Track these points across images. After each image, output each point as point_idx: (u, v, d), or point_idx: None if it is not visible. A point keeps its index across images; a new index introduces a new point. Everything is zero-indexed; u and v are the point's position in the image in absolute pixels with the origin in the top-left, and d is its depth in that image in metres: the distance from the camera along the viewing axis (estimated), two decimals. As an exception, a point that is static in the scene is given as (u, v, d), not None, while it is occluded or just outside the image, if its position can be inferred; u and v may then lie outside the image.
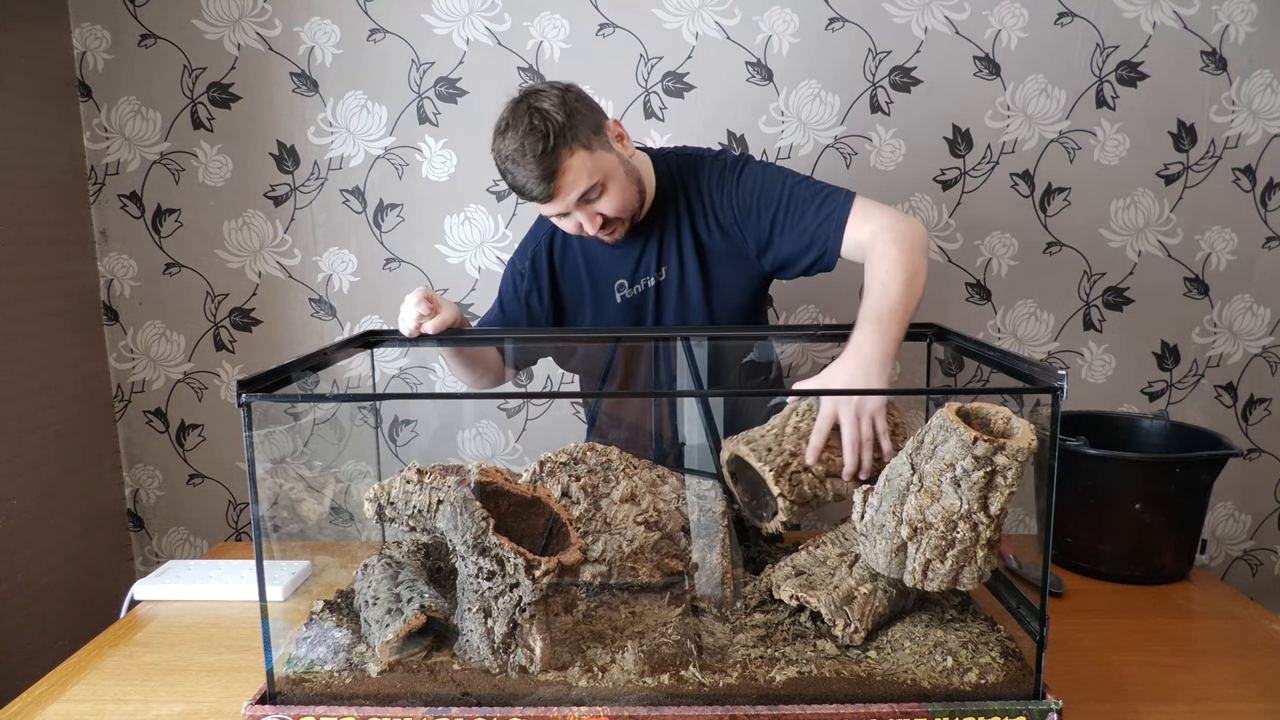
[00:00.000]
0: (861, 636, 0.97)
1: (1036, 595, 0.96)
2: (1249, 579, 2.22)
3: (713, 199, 1.42)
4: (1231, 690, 1.06)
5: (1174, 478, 1.34)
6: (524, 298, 1.53)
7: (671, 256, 1.45)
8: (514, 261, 1.56)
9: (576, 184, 1.29)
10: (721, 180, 1.41)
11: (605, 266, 1.49)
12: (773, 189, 1.37)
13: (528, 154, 1.26)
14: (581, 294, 1.52)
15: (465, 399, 2.06)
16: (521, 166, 1.27)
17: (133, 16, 1.99)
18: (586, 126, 1.30)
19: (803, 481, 1.13)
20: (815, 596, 1.00)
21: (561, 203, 1.30)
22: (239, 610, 1.29)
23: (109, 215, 2.08)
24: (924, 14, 1.97)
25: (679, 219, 1.44)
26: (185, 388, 2.15)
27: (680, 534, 1.14)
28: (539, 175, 1.26)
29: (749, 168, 1.41)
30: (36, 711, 1.03)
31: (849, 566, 1.04)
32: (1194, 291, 2.09)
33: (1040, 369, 0.94)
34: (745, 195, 1.39)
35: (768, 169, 1.40)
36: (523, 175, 1.27)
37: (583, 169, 1.28)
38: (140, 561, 2.23)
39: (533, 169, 1.26)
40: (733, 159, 1.44)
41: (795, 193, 1.35)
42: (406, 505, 1.09)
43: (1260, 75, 1.99)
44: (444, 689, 0.92)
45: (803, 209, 1.33)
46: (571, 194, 1.29)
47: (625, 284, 1.48)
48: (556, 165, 1.26)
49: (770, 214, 1.36)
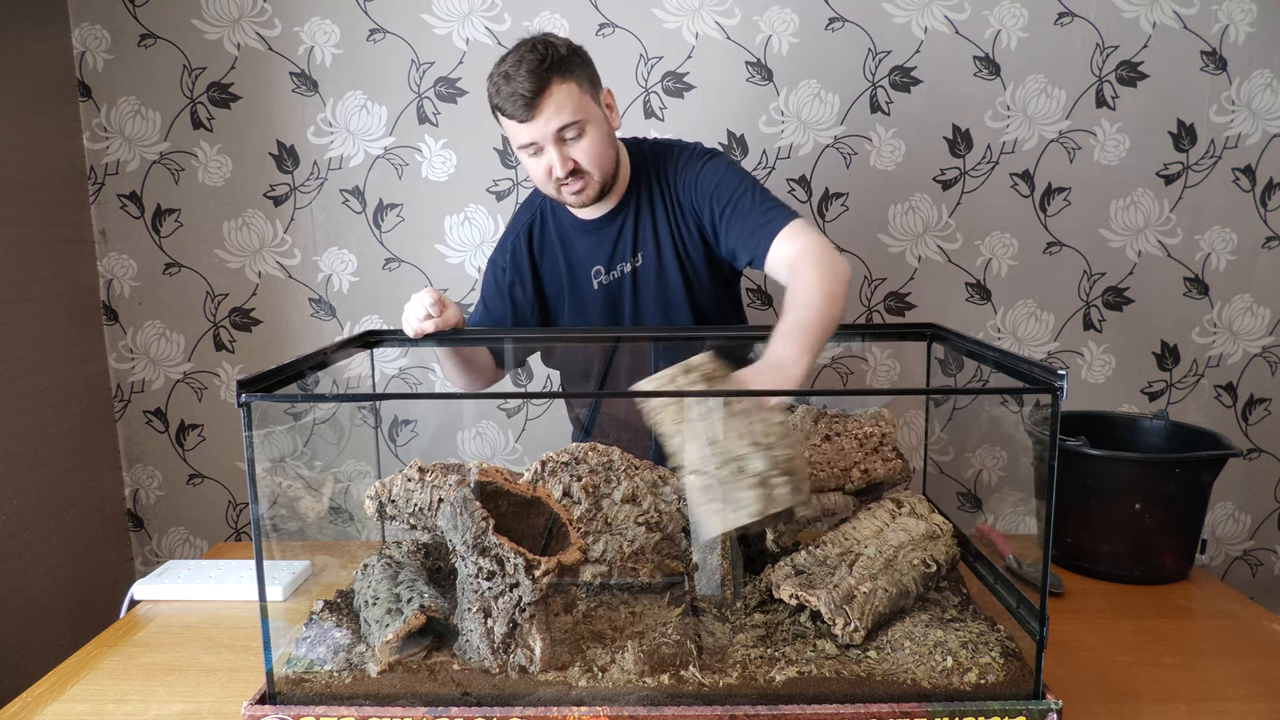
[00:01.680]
0: (861, 636, 0.97)
1: (1036, 595, 0.95)
2: (1249, 579, 2.22)
3: (678, 182, 1.45)
4: (1231, 690, 1.06)
5: (1174, 478, 1.34)
6: (507, 290, 1.54)
7: (648, 241, 1.47)
8: (494, 259, 1.58)
9: (560, 112, 1.29)
10: (687, 165, 1.45)
11: (582, 253, 1.50)
12: (727, 186, 1.40)
13: (521, 67, 1.27)
14: (560, 282, 1.53)
15: (465, 399, 2.06)
16: (511, 81, 1.28)
17: (133, 16, 1.99)
18: (584, 72, 1.34)
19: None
20: (815, 595, 1.00)
21: (540, 126, 1.30)
22: (239, 610, 1.29)
23: (109, 215, 2.08)
24: (924, 14, 1.97)
25: (652, 204, 1.46)
26: (185, 388, 2.15)
27: (681, 535, 1.14)
28: (527, 89, 1.27)
29: (714, 160, 1.44)
30: (36, 711, 1.03)
31: (849, 566, 1.04)
32: (1194, 291, 2.09)
33: (1040, 369, 0.94)
34: (704, 183, 1.42)
35: (731, 168, 1.43)
36: (509, 89, 1.28)
37: (568, 100, 1.30)
38: (140, 561, 2.23)
39: (522, 81, 1.27)
40: (702, 149, 1.47)
41: (745, 196, 1.38)
42: (408, 503, 1.09)
43: (1260, 75, 1.99)
44: (444, 689, 0.92)
45: (748, 211, 1.37)
46: (553, 120, 1.30)
47: (602, 270, 1.49)
48: (546, 85, 1.28)
49: (720, 207, 1.39)
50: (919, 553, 1.09)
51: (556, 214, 1.52)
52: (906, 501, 1.18)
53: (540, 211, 1.54)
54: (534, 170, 1.38)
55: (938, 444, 2.15)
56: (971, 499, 2.17)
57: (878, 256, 2.08)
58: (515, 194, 2.06)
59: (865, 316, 2.11)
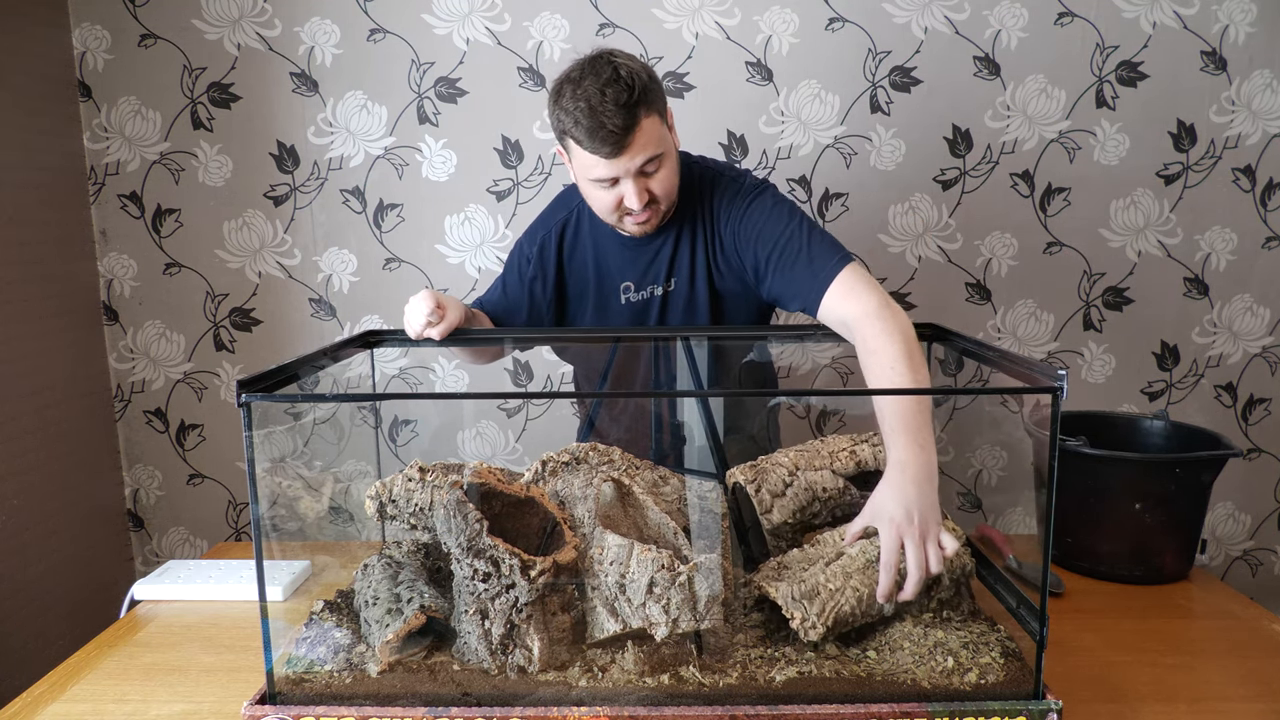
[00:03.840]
0: (820, 633, 0.95)
1: (1036, 595, 0.95)
2: (1249, 579, 2.22)
3: (722, 217, 1.38)
4: (1231, 690, 1.06)
5: (1174, 478, 1.34)
6: (528, 283, 1.49)
7: (683, 268, 1.42)
8: (522, 244, 1.53)
9: (646, 148, 1.24)
10: (732, 203, 1.38)
11: (613, 266, 1.46)
12: (775, 229, 1.33)
13: (608, 101, 1.19)
14: (585, 290, 1.49)
15: (465, 399, 2.06)
16: (600, 114, 1.20)
17: (133, 16, 2.00)
18: (660, 98, 1.27)
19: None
20: (775, 587, 0.98)
21: (626, 163, 1.24)
22: (239, 610, 1.28)
23: (109, 215, 2.08)
24: (924, 14, 1.97)
25: (694, 232, 1.41)
26: (185, 388, 2.16)
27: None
28: (618, 126, 1.20)
29: (761, 198, 1.37)
30: (36, 711, 1.03)
31: (825, 563, 1.02)
32: (1194, 291, 2.09)
33: (1040, 369, 0.94)
34: (749, 225, 1.36)
35: (779, 206, 1.36)
36: (593, 123, 1.20)
37: (653, 134, 1.24)
38: (140, 561, 2.23)
39: (613, 117, 1.19)
40: (751, 183, 1.40)
41: (793, 240, 1.31)
42: (408, 503, 1.09)
43: (1260, 75, 1.99)
44: (444, 689, 0.92)
45: (795, 259, 1.30)
46: (639, 156, 1.24)
47: (631, 287, 1.45)
48: (636, 121, 1.21)
49: (766, 253, 1.33)
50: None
51: (594, 219, 1.45)
52: None
53: (578, 211, 1.48)
54: (601, 200, 1.31)
55: (938, 444, 2.14)
56: (971, 499, 2.17)
57: (878, 256, 2.08)
58: (515, 194, 2.06)
59: (865, 316, 2.11)
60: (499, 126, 2.03)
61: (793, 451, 1.21)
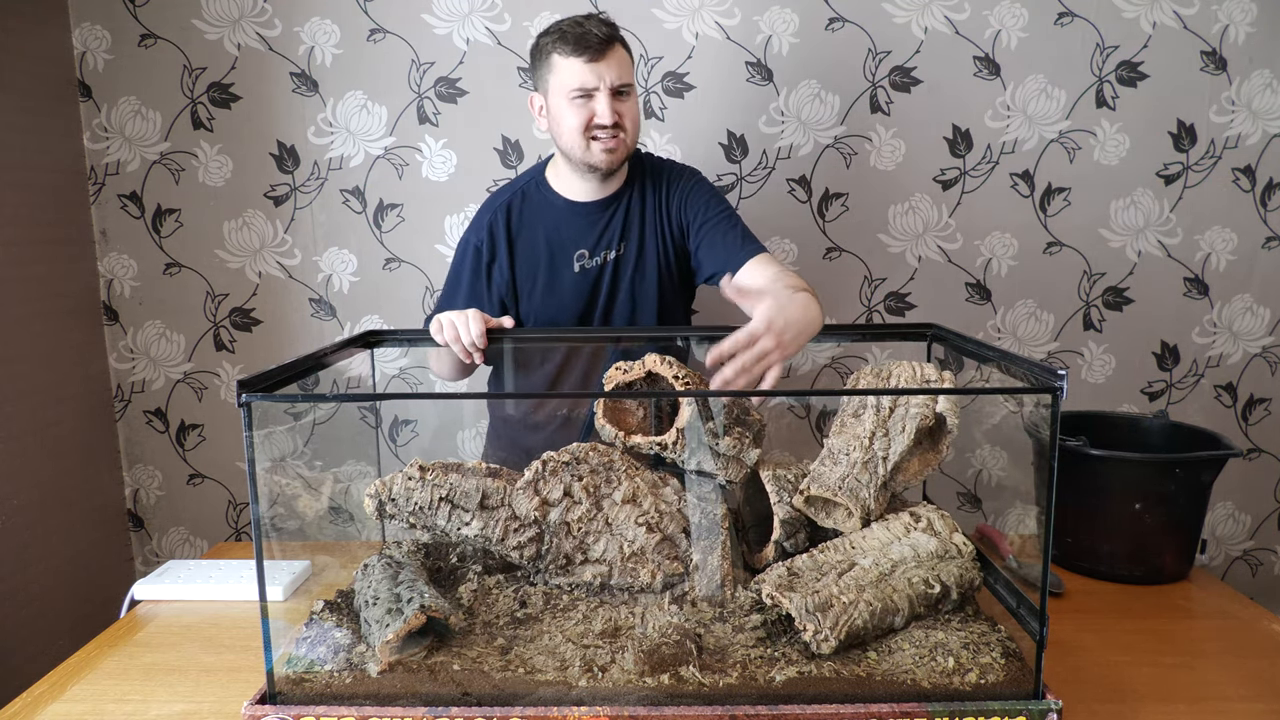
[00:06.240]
0: (832, 646, 0.95)
1: (1036, 595, 0.96)
2: (1249, 579, 2.22)
3: (672, 188, 1.57)
4: (1231, 690, 1.06)
5: (1174, 478, 1.34)
6: (485, 270, 1.57)
7: (633, 234, 1.56)
8: (466, 240, 1.60)
9: (621, 66, 1.43)
10: (681, 176, 1.59)
11: (568, 234, 1.56)
12: (714, 207, 1.55)
13: (591, 20, 1.42)
14: (536, 261, 1.57)
15: (465, 399, 2.06)
16: (584, 25, 1.40)
17: (133, 16, 1.99)
18: (630, 51, 1.49)
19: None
20: (789, 598, 0.97)
21: (602, 70, 1.41)
22: (239, 610, 1.29)
23: (109, 215, 2.08)
24: (924, 14, 1.97)
25: (644, 200, 1.57)
26: (185, 388, 2.16)
27: (681, 536, 1.14)
28: (601, 34, 1.40)
29: (704, 182, 1.60)
30: (36, 711, 1.03)
31: (839, 574, 1.02)
32: (1194, 291, 2.09)
33: (1040, 369, 0.94)
34: (695, 197, 1.56)
35: (719, 195, 1.59)
36: (580, 30, 1.40)
37: (627, 64, 1.46)
38: (140, 561, 2.23)
39: (596, 29, 1.40)
40: (694, 171, 1.62)
41: (728, 219, 1.54)
42: (408, 502, 1.09)
43: (1260, 75, 1.99)
44: (444, 689, 0.92)
45: (726, 232, 1.52)
46: (614, 70, 1.42)
47: (586, 254, 1.55)
48: (615, 39, 1.43)
49: (701, 220, 1.54)
50: (922, 571, 1.03)
51: (543, 193, 1.58)
52: (925, 516, 1.12)
53: (522, 191, 1.59)
54: (573, 118, 1.44)
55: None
56: (971, 499, 2.17)
57: (878, 256, 2.08)
58: (515, 194, 2.06)
59: (865, 316, 2.11)
60: (499, 126, 2.03)
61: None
